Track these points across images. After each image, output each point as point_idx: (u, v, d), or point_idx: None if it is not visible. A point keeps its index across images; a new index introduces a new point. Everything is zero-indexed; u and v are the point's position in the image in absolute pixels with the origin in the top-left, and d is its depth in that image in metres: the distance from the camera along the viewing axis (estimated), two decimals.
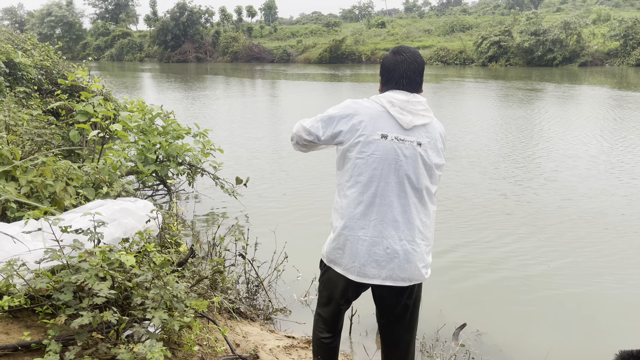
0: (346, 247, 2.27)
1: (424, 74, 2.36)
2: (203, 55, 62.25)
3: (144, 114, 6.65)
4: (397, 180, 2.22)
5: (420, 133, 2.27)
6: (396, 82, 2.31)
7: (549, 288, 4.67)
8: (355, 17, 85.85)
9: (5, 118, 4.07)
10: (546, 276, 4.90)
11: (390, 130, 2.23)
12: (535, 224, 6.22)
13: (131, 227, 2.87)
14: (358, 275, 2.26)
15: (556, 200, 7.11)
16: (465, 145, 10.74)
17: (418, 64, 2.31)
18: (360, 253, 2.24)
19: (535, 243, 5.65)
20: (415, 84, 2.31)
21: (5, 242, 2.44)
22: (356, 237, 2.24)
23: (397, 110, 2.24)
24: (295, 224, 6.26)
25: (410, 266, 2.25)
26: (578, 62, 40.39)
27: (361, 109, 2.28)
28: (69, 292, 2.08)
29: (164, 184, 6.90)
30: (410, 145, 2.23)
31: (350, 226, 2.25)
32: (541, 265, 5.11)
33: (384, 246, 2.22)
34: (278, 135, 12.46)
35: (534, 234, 5.94)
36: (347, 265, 2.28)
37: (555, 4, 72.69)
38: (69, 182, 3.52)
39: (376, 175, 2.22)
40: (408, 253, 2.23)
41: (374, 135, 2.22)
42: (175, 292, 2.26)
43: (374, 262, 2.23)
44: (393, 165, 2.21)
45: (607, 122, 13.55)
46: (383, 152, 2.21)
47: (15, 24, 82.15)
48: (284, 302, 4.31)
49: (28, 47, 11.00)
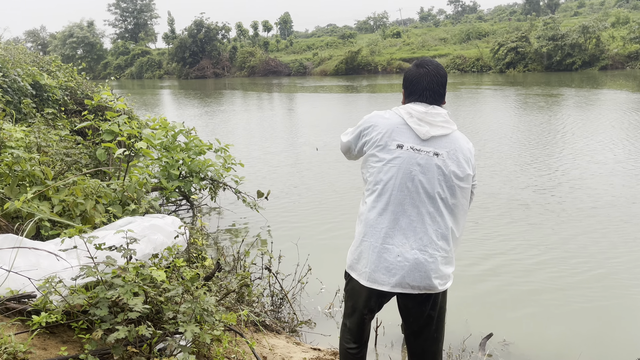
0: (362, 253, 2.34)
1: (446, 85, 2.41)
2: (221, 71, 63.09)
3: (166, 131, 6.79)
4: (412, 189, 2.27)
5: (438, 144, 2.31)
6: (419, 94, 2.37)
7: (578, 299, 4.60)
8: (370, 28, 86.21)
9: (37, 139, 4.22)
10: (575, 287, 4.80)
11: (406, 141, 2.29)
12: (563, 234, 6.09)
13: (160, 243, 2.95)
14: (368, 280, 2.30)
15: (583, 208, 6.96)
16: (486, 154, 10.67)
17: (441, 76, 2.38)
18: (372, 259, 2.29)
19: (563, 254, 5.52)
20: (438, 95, 2.37)
21: (41, 259, 2.53)
22: (370, 244, 2.31)
23: (414, 121, 2.31)
24: (316, 237, 6.30)
25: (421, 275, 2.26)
26: (598, 66, 39.90)
27: (380, 120, 2.37)
28: (104, 308, 2.15)
29: (187, 199, 7.01)
30: (427, 155, 2.28)
31: (368, 233, 2.32)
32: (570, 277, 5.01)
33: (395, 253, 2.26)
34: (297, 149, 12.56)
35: (561, 244, 5.80)
36: (360, 270, 2.34)
37: (573, 8, 72.03)
38: (98, 200, 3.63)
39: (391, 183, 2.28)
40: (419, 262, 2.26)
41: (390, 145, 2.30)
42: (205, 305, 2.31)
43: (384, 269, 2.27)
44: (408, 175, 2.27)
45: (633, 126, 13.31)
46: (398, 162, 2.28)
47: (38, 45, 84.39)
48: (308, 315, 4.34)
49: (53, 69, 11.32)
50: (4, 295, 2.45)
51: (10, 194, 3.34)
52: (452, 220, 2.34)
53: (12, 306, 2.47)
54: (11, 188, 3.36)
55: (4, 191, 3.40)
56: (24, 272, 2.43)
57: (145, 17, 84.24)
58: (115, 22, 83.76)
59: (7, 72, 7.88)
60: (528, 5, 77.57)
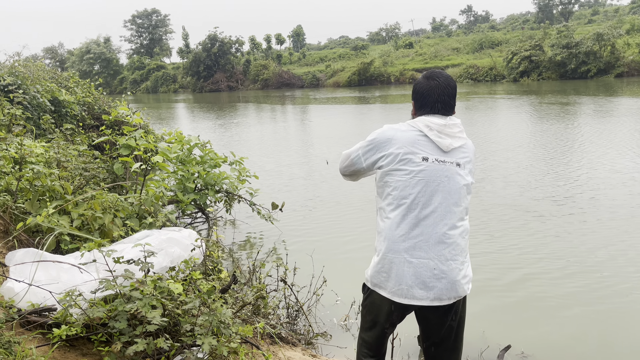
0: (392, 270, 2.30)
1: (456, 96, 2.43)
2: (234, 84, 63.66)
3: (182, 144, 6.88)
4: (440, 201, 2.28)
5: (458, 154, 2.34)
6: (431, 107, 2.38)
7: (598, 313, 4.51)
8: (382, 39, 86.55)
9: (57, 155, 4.31)
10: (597, 301, 4.69)
11: (430, 153, 2.30)
12: (582, 246, 5.94)
13: (177, 256, 2.99)
14: (406, 297, 2.28)
15: (603, 220, 6.77)
16: (501, 164, 10.60)
17: (451, 87, 2.40)
18: (407, 275, 2.26)
19: (583, 267, 5.39)
20: (449, 107, 2.40)
21: (62, 273, 2.58)
22: (402, 259, 2.27)
23: (435, 134, 2.32)
24: (331, 248, 6.30)
25: (456, 285, 2.28)
26: (614, 74, 39.49)
27: (399, 134, 2.35)
28: (123, 321, 2.18)
29: (203, 212, 7.07)
30: (451, 166, 2.31)
31: (395, 249, 2.29)
32: (592, 291, 4.88)
33: (431, 267, 2.25)
34: (310, 161, 12.60)
35: (582, 256, 5.66)
36: (392, 288, 2.30)
37: (587, 16, 71.60)
38: (116, 213, 3.68)
39: (420, 197, 2.27)
40: (453, 272, 2.27)
41: (415, 159, 2.29)
42: (222, 318, 2.33)
43: (422, 284, 2.26)
44: (436, 187, 2.28)
45: None
46: (425, 174, 2.28)
47: (56, 62, 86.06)
48: (324, 327, 4.33)
49: (71, 85, 11.54)
50: (25, 308, 2.50)
51: (30, 208, 3.41)
52: (467, 226, 2.39)
53: (34, 319, 2.52)
54: (32, 203, 3.43)
55: (24, 206, 3.48)
56: (44, 285, 2.48)
57: (160, 33, 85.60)
58: (131, 37, 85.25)
59: (27, 88, 8.06)
60: (541, 13, 77.28)
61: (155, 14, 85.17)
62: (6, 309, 2.42)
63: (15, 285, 2.46)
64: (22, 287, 2.46)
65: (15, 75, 8.56)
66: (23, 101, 5.59)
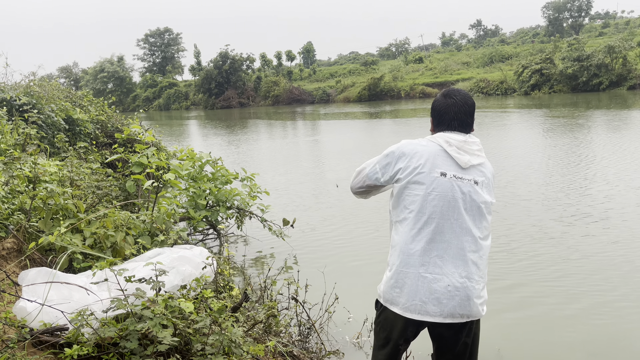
0: (405, 285, 2.28)
1: (474, 115, 2.44)
2: (246, 101, 64.21)
3: (193, 161, 6.92)
4: (457, 217, 2.27)
5: (476, 172, 2.34)
6: (448, 124, 2.39)
7: (612, 330, 4.43)
8: (392, 54, 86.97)
9: (70, 173, 4.35)
10: (623, 326, 4.58)
11: (448, 169, 2.29)
12: (604, 265, 5.73)
13: (189, 274, 2.98)
14: (419, 313, 2.25)
15: (629, 243, 6.41)
16: (519, 181, 10.51)
17: (469, 106, 2.41)
18: (421, 291, 2.24)
19: (602, 286, 5.25)
20: (466, 125, 2.40)
21: (74, 292, 2.58)
22: (416, 275, 2.25)
23: (454, 150, 2.32)
24: (343, 264, 6.26)
25: (470, 303, 2.25)
26: (626, 86, 39.27)
27: (419, 148, 2.35)
28: (134, 340, 2.17)
29: (214, 228, 7.08)
30: (469, 183, 2.30)
31: (410, 263, 2.27)
32: (614, 311, 4.74)
33: (445, 283, 2.23)
34: (321, 176, 12.61)
35: (600, 274, 5.48)
36: (405, 303, 2.28)
37: (597, 29, 71.44)
38: (128, 231, 3.70)
39: (436, 212, 2.26)
40: (468, 290, 2.25)
41: (433, 173, 2.28)
42: (233, 337, 2.32)
43: (435, 300, 2.23)
44: (453, 203, 2.27)
45: None
46: (443, 190, 2.27)
47: (71, 81, 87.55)
48: (336, 345, 4.28)
49: (85, 103, 11.72)
50: (37, 328, 2.50)
51: (44, 227, 3.44)
52: (486, 246, 2.36)
53: (46, 339, 2.52)
54: (45, 221, 3.46)
55: (38, 224, 3.51)
56: (56, 305, 2.49)
57: (172, 51, 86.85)
58: (144, 56, 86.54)
59: (42, 108, 8.19)
60: (551, 27, 77.31)
61: (167, 33, 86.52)
62: (18, 329, 2.43)
63: (27, 305, 2.47)
64: (34, 307, 2.47)
65: (31, 95, 8.72)
66: (37, 120, 5.68)
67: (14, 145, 5.36)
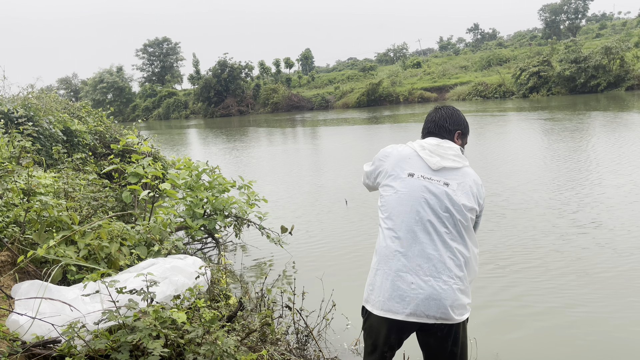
0: (376, 283, 2.34)
1: (460, 125, 2.52)
2: (245, 108, 64.31)
3: (190, 170, 6.93)
4: (424, 216, 2.29)
5: (449, 175, 2.36)
6: (428, 130, 2.54)
7: (607, 341, 4.39)
8: (390, 59, 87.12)
9: (64, 185, 4.36)
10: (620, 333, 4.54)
11: (417, 170, 2.37)
12: (602, 276, 5.55)
13: (182, 284, 2.98)
14: (382, 309, 2.28)
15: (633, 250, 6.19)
16: (519, 188, 10.50)
17: (453, 117, 2.52)
18: (385, 287, 2.28)
19: (602, 296, 5.16)
20: (445, 131, 2.48)
21: (66, 305, 2.58)
22: (385, 272, 2.31)
23: (426, 152, 2.40)
24: (341, 271, 6.24)
25: (436, 304, 2.23)
26: (624, 87, 39.29)
27: (394, 152, 2.48)
28: (125, 352, 2.17)
29: (212, 237, 7.08)
30: (437, 184, 2.33)
31: (381, 262, 2.34)
32: (612, 319, 4.68)
33: (409, 281, 2.25)
34: (320, 183, 12.60)
35: (600, 285, 5.35)
36: (374, 300, 2.33)
37: (594, 30, 71.60)
38: (123, 242, 3.70)
39: (403, 210, 2.31)
40: (434, 290, 2.23)
41: (402, 174, 2.38)
42: (225, 347, 2.31)
43: (398, 297, 2.25)
44: (419, 201, 2.31)
45: None
46: (410, 190, 2.33)
47: (70, 92, 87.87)
48: (334, 352, 4.27)
49: (83, 115, 11.75)
50: (30, 341, 2.50)
51: (38, 239, 3.44)
52: (464, 248, 2.34)
53: (38, 352, 2.51)
54: (39, 234, 3.46)
55: (32, 237, 3.51)
56: (48, 318, 2.48)
57: (171, 60, 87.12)
58: (143, 66, 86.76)
59: (39, 120, 8.21)
60: (548, 29, 77.49)
61: (166, 42, 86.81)
62: (10, 342, 2.43)
63: (19, 318, 2.47)
64: (26, 320, 2.47)
65: (28, 107, 8.74)
66: (33, 133, 5.69)
67: (9, 158, 5.37)
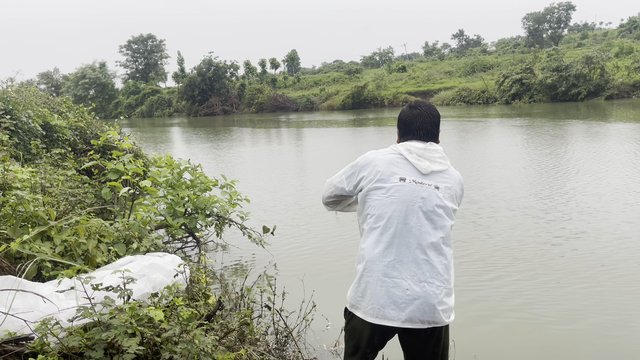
0: (367, 290, 2.30)
1: (439, 125, 2.50)
2: (229, 108, 63.98)
3: (172, 168, 6.85)
4: (416, 222, 2.28)
5: (437, 178, 2.36)
6: (413, 134, 2.46)
7: (591, 336, 4.46)
8: (376, 63, 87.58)
9: (42, 180, 4.27)
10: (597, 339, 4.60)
11: (408, 174, 2.34)
12: (587, 284, 5.49)
13: (160, 282, 2.94)
14: (377, 317, 2.26)
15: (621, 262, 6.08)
16: (501, 198, 10.60)
17: (433, 117, 2.47)
18: (379, 294, 2.26)
19: (582, 299, 5.29)
20: (431, 135, 2.46)
21: (39, 301, 2.52)
22: (376, 279, 2.27)
23: (414, 157, 2.37)
24: (322, 272, 6.23)
25: (430, 309, 2.24)
26: (604, 96, 40.04)
27: (379, 156, 2.42)
28: (100, 350, 2.13)
29: (193, 236, 7.00)
30: (429, 188, 2.32)
31: (371, 268, 2.30)
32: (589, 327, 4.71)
33: (404, 287, 2.23)
34: (304, 184, 12.58)
35: (581, 290, 5.37)
36: (366, 307, 2.29)
37: (576, 40, 72.92)
38: (101, 239, 3.64)
39: (395, 216, 2.29)
40: (428, 295, 2.24)
41: (393, 179, 2.33)
42: (202, 346, 2.28)
43: (393, 304, 2.23)
44: (412, 207, 2.29)
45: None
46: (401, 194, 2.30)
47: (51, 87, 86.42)
48: (314, 353, 4.26)
49: (63, 110, 11.57)
50: (1, 337, 2.44)
51: (13, 234, 3.36)
52: (448, 252, 2.36)
53: (10, 348, 2.45)
54: (14, 229, 3.39)
55: (7, 232, 3.43)
56: (21, 314, 2.43)
57: (155, 58, 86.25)
58: (127, 62, 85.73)
59: (17, 114, 8.05)
60: (531, 37, 78.70)
61: (150, 39, 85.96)
62: None
63: None
64: None
65: (7, 100, 8.57)
66: (10, 126, 5.58)
67: None
